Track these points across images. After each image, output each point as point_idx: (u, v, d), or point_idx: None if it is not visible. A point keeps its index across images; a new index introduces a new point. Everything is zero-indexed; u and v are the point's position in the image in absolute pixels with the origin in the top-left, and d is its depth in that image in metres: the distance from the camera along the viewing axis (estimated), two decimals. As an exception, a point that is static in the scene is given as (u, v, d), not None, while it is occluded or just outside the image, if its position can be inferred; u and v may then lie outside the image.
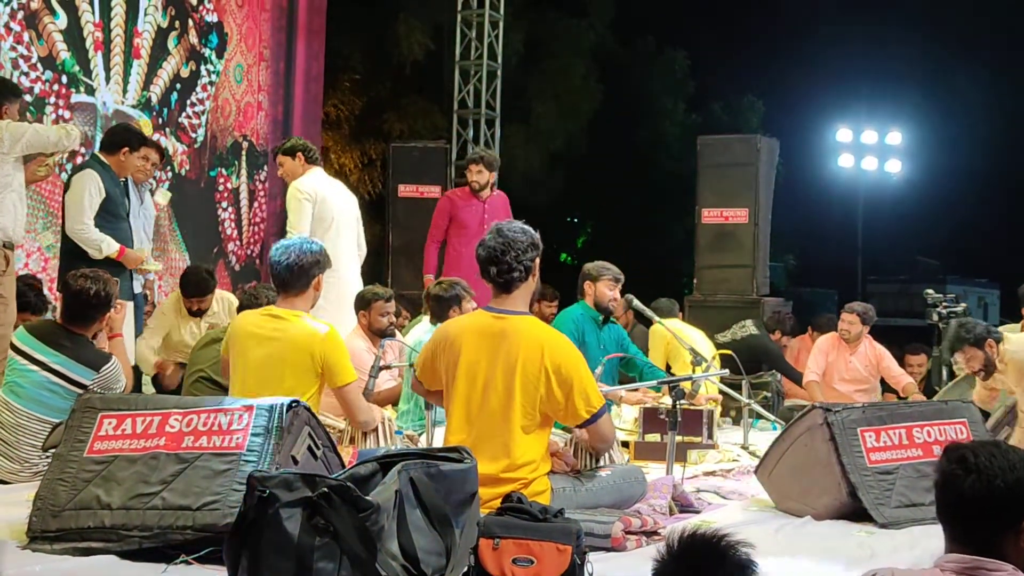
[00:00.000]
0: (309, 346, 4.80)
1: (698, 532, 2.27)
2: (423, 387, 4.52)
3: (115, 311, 5.57)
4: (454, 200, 9.02)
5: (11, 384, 5.17)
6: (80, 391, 5.00)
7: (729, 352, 7.04)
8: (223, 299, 7.81)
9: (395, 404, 6.92)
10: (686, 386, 5.62)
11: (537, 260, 4.37)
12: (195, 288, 7.47)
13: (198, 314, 7.53)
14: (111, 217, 6.75)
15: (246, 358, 4.87)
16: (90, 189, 6.60)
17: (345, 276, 7.35)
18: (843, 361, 8.54)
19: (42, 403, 5.08)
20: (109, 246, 6.62)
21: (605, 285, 7.08)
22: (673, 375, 7.41)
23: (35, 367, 5.14)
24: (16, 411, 5.09)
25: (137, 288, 7.19)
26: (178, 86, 11.23)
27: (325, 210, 7.35)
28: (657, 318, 7.44)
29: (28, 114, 9.04)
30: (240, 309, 6.36)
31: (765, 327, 9.53)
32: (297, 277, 4.90)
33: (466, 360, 4.25)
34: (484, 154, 9.03)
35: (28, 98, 9.10)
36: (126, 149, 6.81)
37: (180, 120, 11.31)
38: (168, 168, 11.10)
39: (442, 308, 6.65)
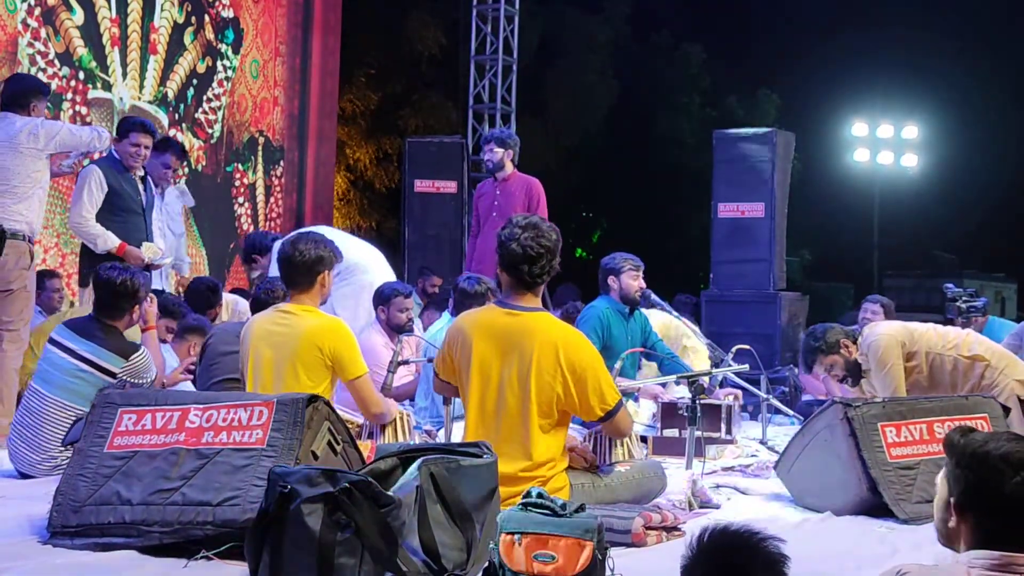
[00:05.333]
0: (318, 339, 4.80)
1: (729, 527, 2.24)
2: (448, 385, 4.47)
3: (147, 303, 5.62)
4: (477, 191, 8.96)
5: (43, 372, 5.24)
6: (110, 379, 5.10)
7: (747, 347, 7.01)
8: (230, 306, 7.82)
9: (412, 400, 6.92)
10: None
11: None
12: (195, 305, 7.43)
13: None
14: (120, 211, 6.80)
15: (258, 357, 4.87)
16: (89, 184, 6.72)
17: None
18: None
19: (70, 390, 5.11)
20: (106, 241, 6.67)
21: (628, 276, 7.07)
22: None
23: (66, 355, 5.19)
24: (43, 398, 5.15)
25: (156, 283, 7.22)
26: (194, 82, 11.26)
27: None
28: (675, 313, 7.40)
29: (47, 110, 9.07)
30: (258, 303, 6.36)
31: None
32: (300, 273, 4.88)
33: (479, 359, 4.22)
34: (496, 131, 8.80)
35: (46, 94, 9.12)
36: (116, 138, 6.88)
37: (196, 116, 11.34)
38: (185, 164, 11.12)
39: (465, 303, 6.59)
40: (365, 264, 7.50)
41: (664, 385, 6.80)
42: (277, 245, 6.93)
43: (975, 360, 5.81)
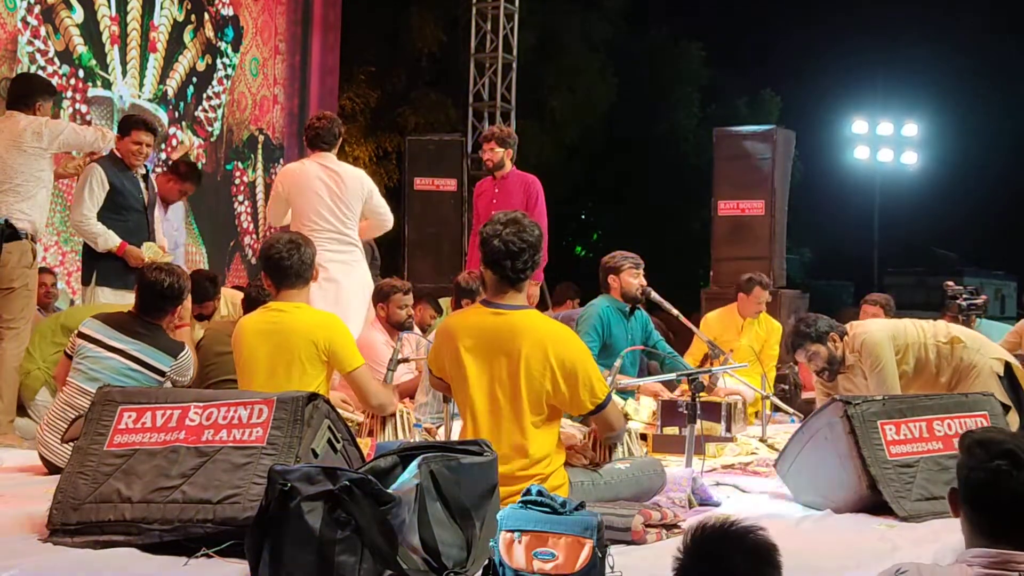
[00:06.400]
0: (312, 335, 4.82)
1: (710, 522, 2.25)
2: (442, 382, 4.48)
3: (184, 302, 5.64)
4: (476, 189, 8.95)
5: (86, 371, 5.22)
6: (159, 377, 5.20)
7: (748, 344, 7.01)
8: (229, 300, 7.81)
9: (412, 397, 6.91)
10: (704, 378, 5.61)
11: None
12: (194, 295, 7.43)
13: (200, 319, 7.52)
14: (121, 209, 6.80)
15: (254, 356, 4.87)
16: (91, 183, 6.70)
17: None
18: None
19: None
20: (107, 241, 6.67)
21: (629, 275, 7.06)
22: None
23: (112, 354, 5.22)
24: (89, 396, 5.12)
25: None
26: (194, 80, 11.27)
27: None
28: (677, 312, 7.39)
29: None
30: (248, 301, 6.35)
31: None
32: (295, 270, 4.90)
33: (468, 361, 4.20)
34: (495, 130, 8.75)
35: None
36: (118, 136, 6.85)
37: (196, 114, 11.34)
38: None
39: (459, 297, 6.71)
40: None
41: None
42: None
43: (953, 343, 5.85)
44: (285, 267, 4.88)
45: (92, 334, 5.29)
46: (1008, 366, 5.91)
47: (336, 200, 6.96)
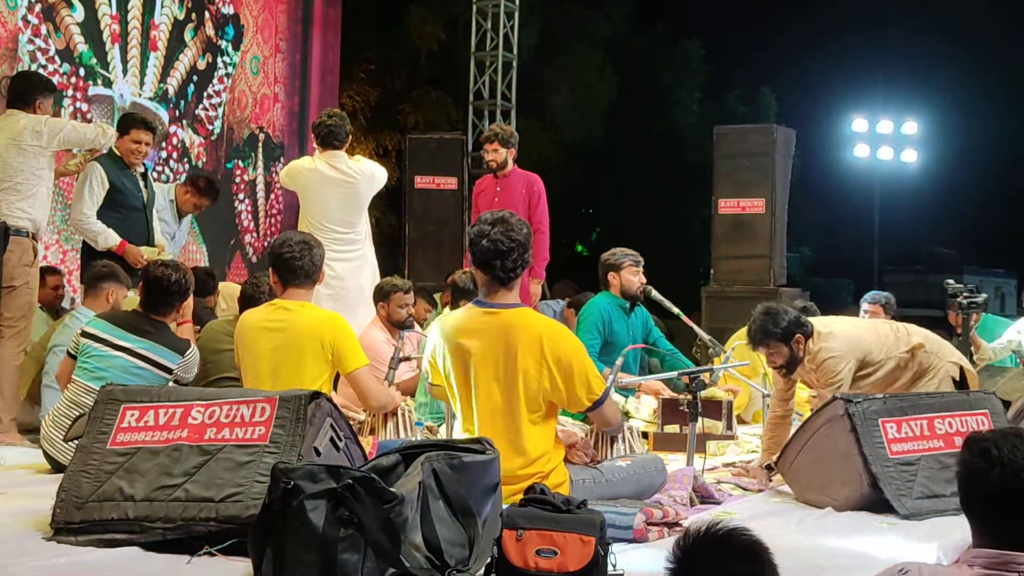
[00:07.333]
0: (318, 333, 4.84)
1: (693, 529, 2.23)
2: (439, 389, 4.48)
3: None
4: (477, 186, 8.96)
5: (92, 370, 5.21)
6: (166, 375, 5.20)
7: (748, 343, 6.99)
8: (227, 294, 7.81)
9: (413, 395, 6.92)
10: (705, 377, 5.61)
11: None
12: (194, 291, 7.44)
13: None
14: (121, 208, 6.82)
15: (256, 352, 4.90)
16: (91, 181, 6.72)
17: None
18: None
19: None
20: (107, 239, 6.68)
21: (629, 272, 7.06)
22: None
23: (119, 353, 5.22)
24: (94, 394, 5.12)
25: None
26: (195, 78, 11.27)
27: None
28: (677, 311, 7.39)
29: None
30: (243, 298, 6.36)
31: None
32: (314, 271, 4.94)
33: (463, 362, 4.22)
34: (498, 130, 8.73)
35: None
36: (117, 135, 6.85)
37: (197, 112, 11.34)
38: (185, 160, 11.14)
39: (457, 298, 6.70)
40: None
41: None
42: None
43: (914, 352, 5.80)
44: (296, 266, 4.89)
45: (98, 333, 5.29)
46: (962, 370, 5.90)
47: (344, 205, 7.00)
